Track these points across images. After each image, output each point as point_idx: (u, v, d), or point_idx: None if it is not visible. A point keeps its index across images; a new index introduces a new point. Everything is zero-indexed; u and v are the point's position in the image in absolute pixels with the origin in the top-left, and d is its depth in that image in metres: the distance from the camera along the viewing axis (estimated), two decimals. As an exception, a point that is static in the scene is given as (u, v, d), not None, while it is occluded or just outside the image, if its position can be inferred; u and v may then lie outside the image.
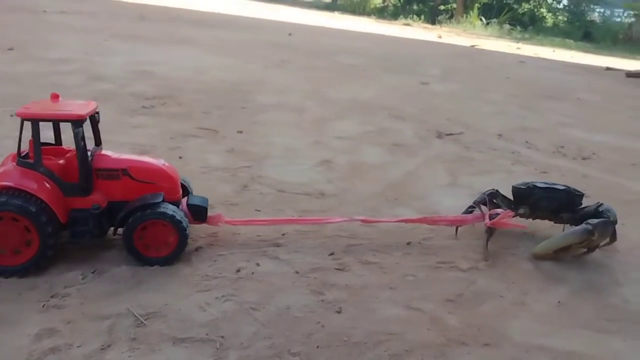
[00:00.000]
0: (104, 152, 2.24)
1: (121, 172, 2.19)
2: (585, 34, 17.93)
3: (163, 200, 2.16)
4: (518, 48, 13.25)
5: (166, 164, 2.30)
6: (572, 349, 1.82)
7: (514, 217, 2.53)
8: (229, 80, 4.92)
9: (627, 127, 5.23)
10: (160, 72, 4.80)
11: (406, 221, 2.53)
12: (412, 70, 6.94)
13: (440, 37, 13.88)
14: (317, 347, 1.71)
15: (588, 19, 19.36)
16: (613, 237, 2.50)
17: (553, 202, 2.56)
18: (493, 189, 2.66)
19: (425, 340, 1.79)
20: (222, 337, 1.70)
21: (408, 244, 2.42)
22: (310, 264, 2.16)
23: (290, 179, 2.96)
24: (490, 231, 2.48)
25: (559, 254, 2.39)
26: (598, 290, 2.21)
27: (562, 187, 2.59)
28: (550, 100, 6.19)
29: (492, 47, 12.28)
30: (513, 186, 2.67)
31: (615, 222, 2.40)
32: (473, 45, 12.55)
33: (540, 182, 2.66)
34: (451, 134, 4.18)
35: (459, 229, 2.55)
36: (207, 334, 1.71)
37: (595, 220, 2.35)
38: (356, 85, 5.59)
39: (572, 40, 16.51)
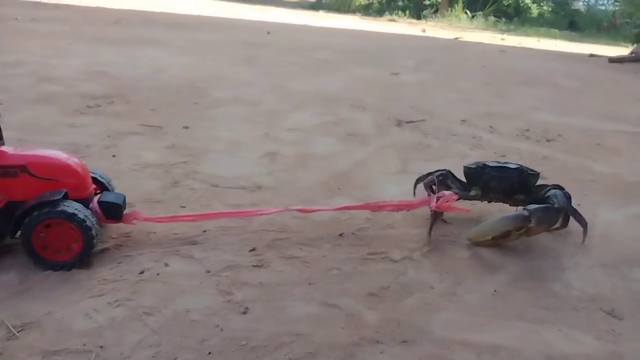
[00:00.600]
0: (2, 148, 2.03)
1: (19, 169, 1.98)
2: (570, 23, 17.71)
3: (66, 198, 1.95)
4: (502, 39, 13.03)
5: (74, 159, 2.09)
6: (499, 342, 1.60)
7: (462, 199, 2.32)
8: (186, 77, 4.71)
9: (599, 109, 5.00)
10: (115, 72, 4.59)
11: (347, 208, 2.31)
12: (386, 63, 6.72)
13: (424, 31, 13.67)
14: (209, 353, 1.50)
15: (573, 8, 19.08)
16: (564, 222, 2.29)
17: (504, 182, 2.28)
18: (444, 170, 2.43)
19: (335, 340, 1.57)
20: (101, 347, 1.49)
21: (340, 235, 2.20)
22: (226, 262, 1.94)
23: (227, 173, 2.75)
24: (435, 215, 2.28)
25: (498, 241, 2.17)
26: (539, 277, 1.99)
27: (514, 166, 2.32)
28: (525, 86, 5.96)
29: (475, 39, 12.03)
30: (464, 166, 2.42)
31: (562, 209, 2.18)
32: (456, 38, 12.35)
33: (492, 161, 2.39)
34: (411, 122, 3.96)
35: (400, 215, 2.34)
36: (84, 345, 1.49)
37: (534, 206, 2.12)
38: (323, 78, 5.37)
39: (557, 30, 16.32)
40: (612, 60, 9.71)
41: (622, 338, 1.67)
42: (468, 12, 17.11)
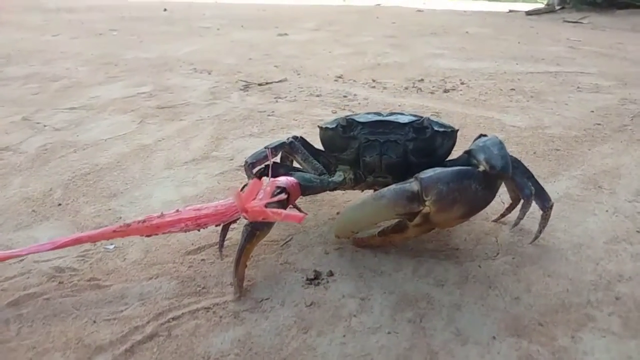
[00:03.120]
0: None
1: None
2: (489, -16, 16.77)
3: None
4: (424, 3, 11.92)
5: None
6: None
7: (314, 191, 1.10)
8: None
9: (513, 51, 3.84)
10: None
11: (63, 246, 1.02)
12: (280, 27, 5.38)
13: (345, 0, 12.39)
14: None
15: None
16: (525, 203, 1.10)
17: (391, 152, 1.04)
18: (288, 139, 1.18)
19: None
20: None
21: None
22: None
23: None
24: (224, 231, 1.07)
25: (388, 238, 1.02)
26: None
27: (406, 119, 1.06)
28: (432, 37, 4.75)
29: (395, 4, 10.79)
30: (320, 128, 1.15)
31: (497, 174, 0.91)
32: (377, 5, 11.11)
33: (369, 114, 1.10)
34: (266, 84, 2.68)
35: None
36: None
37: (430, 171, 0.92)
38: (181, 43, 4.00)
39: (478, -7, 15.40)
40: (530, 12, 8.76)
41: None
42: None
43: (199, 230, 1.03)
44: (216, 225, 1.03)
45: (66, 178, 1.53)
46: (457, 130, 1.11)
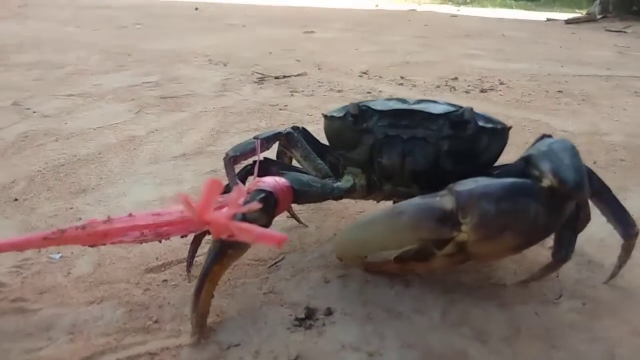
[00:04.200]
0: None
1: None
2: (525, -7, 16.22)
3: None
4: (458, 10, 11.53)
5: None
6: None
7: (309, 199, 0.80)
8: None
9: (556, 54, 3.48)
10: None
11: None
12: (308, 25, 5.12)
13: (377, 5, 12.09)
14: None
15: (527, -22, 17.43)
16: (584, 219, 0.79)
17: (419, 154, 0.74)
18: (285, 129, 0.90)
19: None
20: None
21: None
22: None
23: None
24: (194, 244, 0.80)
25: (391, 268, 0.71)
26: None
27: (443, 109, 0.75)
28: (466, 38, 4.42)
29: (430, 9, 10.44)
30: (324, 116, 0.87)
31: (568, 189, 0.61)
32: (412, 10, 10.78)
33: (389, 101, 0.79)
34: (284, 77, 2.42)
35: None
36: None
37: (469, 182, 0.63)
38: (201, 37, 3.78)
39: (513, 1, 14.88)
40: (569, 21, 8.26)
41: None
42: (424, -12, 15.45)
43: (160, 242, 0.76)
44: (182, 237, 0.77)
45: (35, 169, 1.29)
46: (510, 128, 0.82)
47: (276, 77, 2.38)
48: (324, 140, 0.92)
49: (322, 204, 1.05)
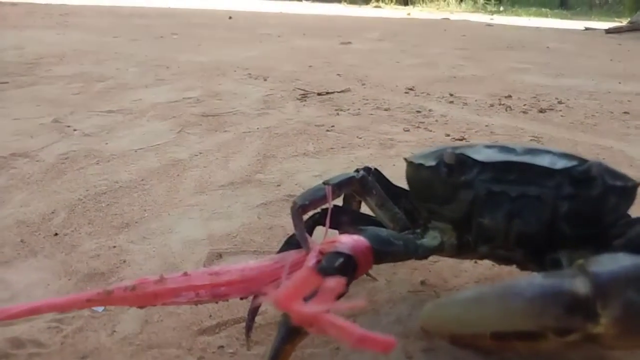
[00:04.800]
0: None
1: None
2: (561, 2, 15.77)
3: None
4: (491, 19, 11.26)
5: None
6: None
7: (390, 258, 0.66)
8: (36, 53, 3.10)
9: (608, 69, 3.27)
10: None
11: (12, 317, 0.66)
12: (344, 36, 5.02)
13: (409, 14, 11.93)
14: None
15: (564, -14, 16.96)
16: None
17: (531, 216, 0.60)
18: (359, 172, 0.74)
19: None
20: None
21: None
22: None
23: None
24: (254, 306, 0.68)
25: (487, 344, 0.56)
26: None
27: (562, 164, 0.61)
28: (509, 51, 4.23)
29: (462, 18, 10.23)
30: (407, 163, 0.73)
31: None
32: (445, 18, 10.58)
33: (489, 148, 0.66)
34: (327, 93, 2.31)
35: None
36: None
37: (607, 261, 0.48)
38: (238, 48, 3.71)
39: (548, 9, 14.48)
40: (610, 31, 7.93)
41: None
42: (456, -5, 15.18)
43: (216, 303, 0.66)
44: (241, 299, 0.66)
45: (76, 197, 1.21)
46: (639, 185, 0.67)
47: (319, 94, 2.27)
48: (398, 182, 0.80)
49: (389, 251, 0.92)
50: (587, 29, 9.13)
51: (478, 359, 0.68)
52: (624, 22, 9.55)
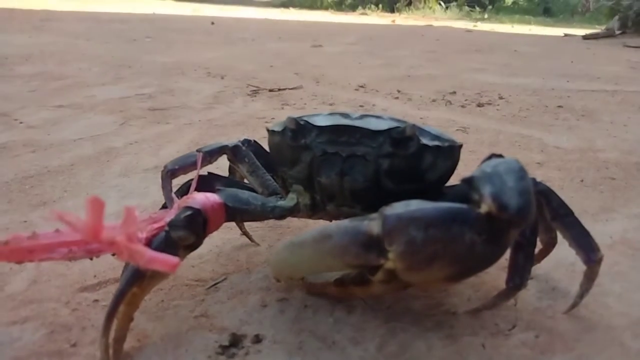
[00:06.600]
0: None
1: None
2: (544, 10, 16.03)
3: None
4: (475, 26, 11.42)
5: None
6: None
7: (245, 218, 0.79)
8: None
9: (565, 69, 3.38)
10: None
11: None
12: (318, 40, 5.12)
13: (394, 21, 12.08)
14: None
15: (547, -6, 17.26)
16: (549, 242, 0.76)
17: (358, 173, 0.68)
18: (240, 142, 0.87)
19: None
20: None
21: None
22: None
23: None
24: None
25: (332, 291, 0.68)
26: None
27: (386, 125, 0.69)
28: (476, 54, 4.35)
29: (445, 25, 10.38)
30: (268, 131, 0.81)
31: (507, 211, 0.53)
32: (428, 25, 10.73)
33: (331, 115, 0.73)
34: (279, 90, 2.39)
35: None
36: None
37: (401, 206, 0.55)
38: (207, 50, 3.79)
39: (531, 17, 14.70)
40: (587, 37, 8.10)
41: None
42: (442, 3, 15.40)
43: (91, 259, 0.72)
44: (113, 255, 0.72)
45: (2, 181, 1.27)
46: (460, 146, 0.76)
47: (270, 90, 2.35)
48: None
49: (280, 222, 1.00)
50: (566, 35, 9.33)
51: (326, 306, 0.75)
52: (602, 29, 9.77)
